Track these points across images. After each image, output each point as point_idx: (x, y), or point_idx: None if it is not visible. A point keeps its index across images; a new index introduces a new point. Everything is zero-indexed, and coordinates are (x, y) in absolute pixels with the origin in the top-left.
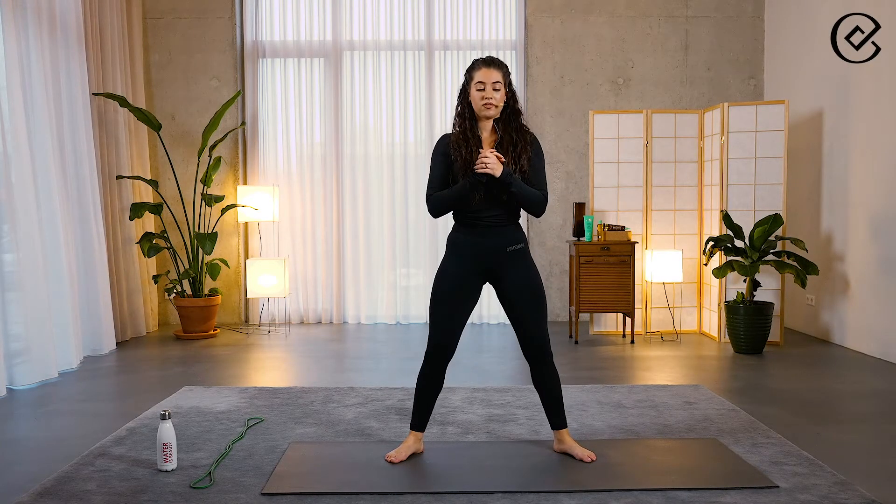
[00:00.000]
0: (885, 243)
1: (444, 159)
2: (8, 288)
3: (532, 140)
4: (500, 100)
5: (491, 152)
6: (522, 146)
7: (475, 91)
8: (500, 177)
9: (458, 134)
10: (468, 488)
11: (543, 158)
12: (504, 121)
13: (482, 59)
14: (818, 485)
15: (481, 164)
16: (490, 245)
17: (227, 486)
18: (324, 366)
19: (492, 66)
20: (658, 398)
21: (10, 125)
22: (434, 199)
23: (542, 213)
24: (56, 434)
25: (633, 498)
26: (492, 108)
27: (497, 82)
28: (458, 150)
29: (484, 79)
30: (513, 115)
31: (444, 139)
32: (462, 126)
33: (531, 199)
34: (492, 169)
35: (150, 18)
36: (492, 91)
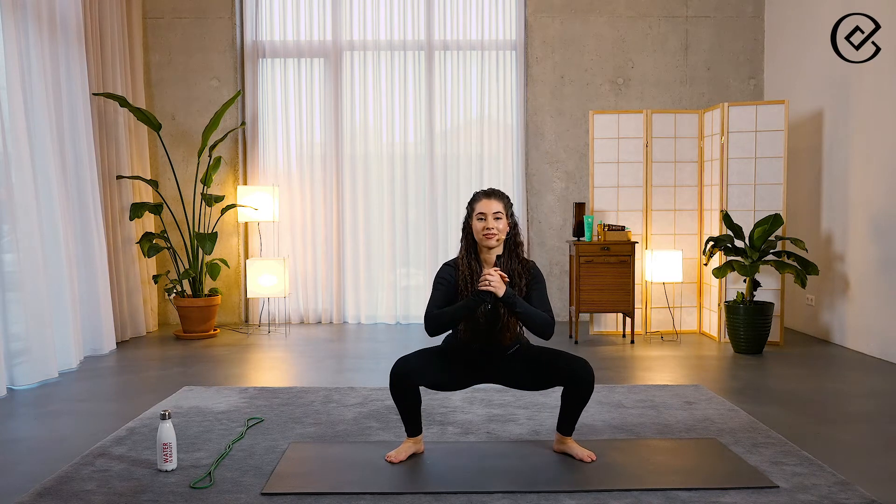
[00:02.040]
0: (885, 243)
1: (447, 286)
2: (8, 288)
3: (534, 272)
4: (501, 230)
5: (495, 270)
6: (526, 279)
7: (476, 221)
8: (502, 296)
9: (465, 268)
10: (468, 488)
11: (545, 284)
12: (507, 254)
13: (483, 191)
14: (818, 485)
15: (485, 280)
16: (487, 352)
17: (227, 486)
18: (324, 366)
19: (492, 196)
20: (658, 398)
21: (10, 125)
22: (434, 315)
23: (551, 335)
24: (56, 434)
25: (633, 498)
26: (493, 237)
27: (498, 212)
28: (463, 283)
29: (485, 210)
30: (514, 247)
31: (446, 267)
32: (467, 258)
33: (536, 319)
34: (495, 287)
35: (150, 18)
36: (493, 221)
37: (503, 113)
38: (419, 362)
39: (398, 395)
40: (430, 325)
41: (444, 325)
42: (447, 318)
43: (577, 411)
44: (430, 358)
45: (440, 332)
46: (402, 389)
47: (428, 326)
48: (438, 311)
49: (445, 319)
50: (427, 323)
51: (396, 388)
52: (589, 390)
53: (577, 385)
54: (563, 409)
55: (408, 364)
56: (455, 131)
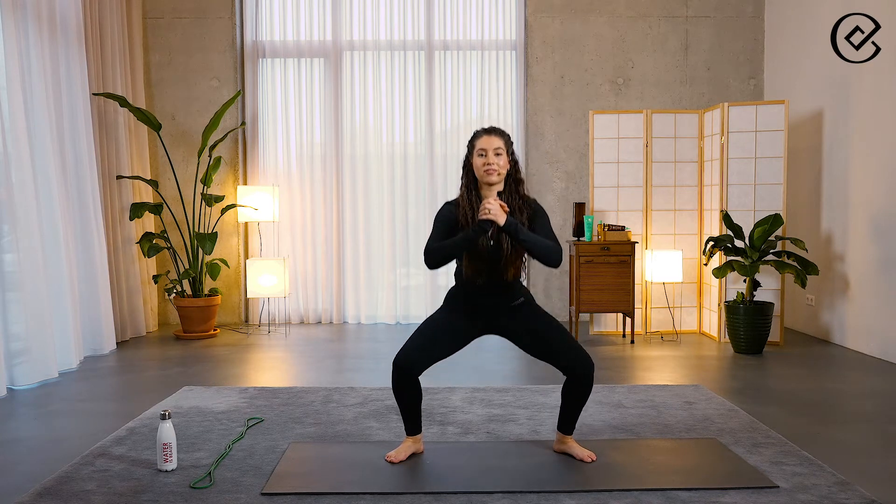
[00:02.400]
0: (885, 243)
1: (447, 224)
2: (8, 288)
3: (535, 207)
4: (502, 166)
5: (495, 199)
6: (528, 214)
7: (477, 158)
8: (503, 225)
9: (465, 204)
10: (468, 488)
11: (548, 218)
12: (507, 191)
13: (483, 128)
14: (818, 485)
15: (484, 210)
16: (490, 304)
17: (226, 486)
18: (324, 366)
19: (493, 133)
20: (658, 398)
21: (10, 125)
22: (434, 248)
23: (560, 262)
24: (56, 434)
25: (633, 498)
26: (493, 174)
27: (498, 148)
28: (464, 217)
29: (485, 146)
30: (515, 184)
31: (446, 206)
32: (468, 197)
33: (541, 245)
34: (495, 215)
35: (150, 18)
36: (493, 157)
37: (503, 113)
38: (419, 348)
39: (400, 388)
40: (431, 258)
41: (444, 258)
42: (447, 250)
43: (578, 409)
44: (428, 336)
45: (440, 264)
46: (405, 382)
47: (428, 259)
48: (438, 244)
49: (446, 251)
50: (427, 256)
51: (399, 383)
52: (589, 386)
53: (578, 382)
54: (563, 407)
55: (409, 353)
56: (455, 131)
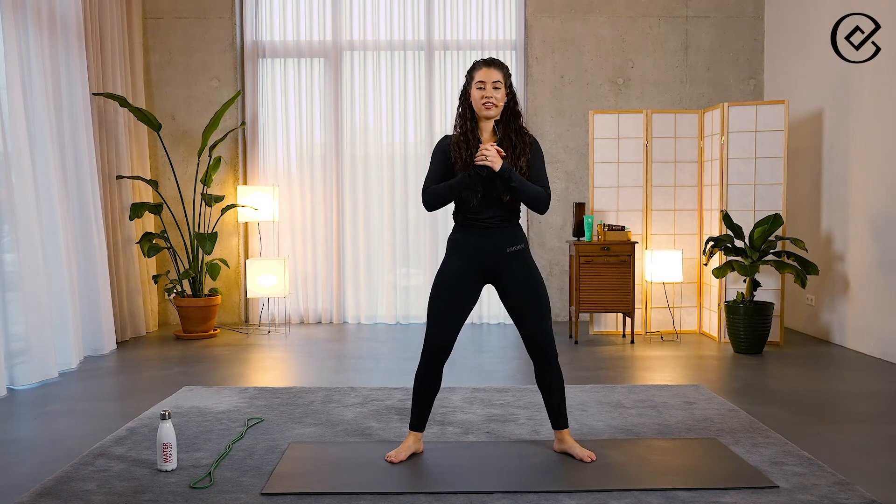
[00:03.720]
0: (885, 243)
1: (444, 158)
2: (8, 288)
3: (531, 141)
4: (500, 99)
5: (491, 145)
6: (522, 148)
7: (475, 90)
8: (499, 170)
9: (459, 135)
10: (468, 488)
11: (543, 158)
12: (504, 122)
13: (483, 59)
14: (818, 485)
15: (481, 156)
16: (490, 245)
17: (226, 486)
18: (324, 366)
19: (492, 66)
20: (658, 398)
21: (10, 125)
22: (431, 191)
23: (546, 209)
24: (56, 434)
25: (633, 498)
26: (492, 107)
27: (497, 81)
28: (458, 150)
29: (484, 78)
30: (512, 117)
31: (444, 139)
32: (463, 127)
33: (533, 194)
34: (491, 161)
35: (150, 18)
36: (492, 90)
37: None
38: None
39: (426, 378)
40: (429, 200)
41: (442, 200)
42: (444, 194)
43: (558, 399)
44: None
45: (438, 206)
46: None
47: (426, 201)
48: (435, 186)
49: (442, 195)
50: (425, 197)
51: (427, 371)
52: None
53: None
54: (545, 401)
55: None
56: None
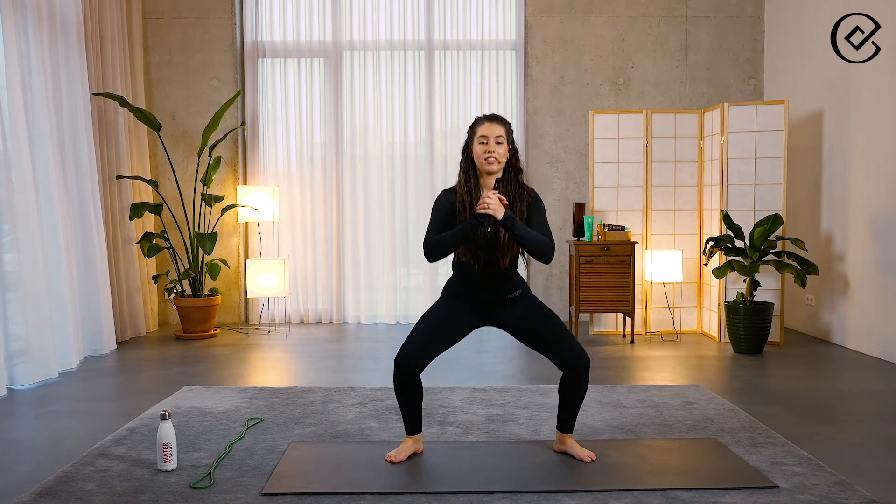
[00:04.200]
0: (885, 243)
1: (445, 211)
2: (8, 288)
3: (533, 196)
4: (502, 155)
5: (493, 193)
6: (521, 205)
7: (478, 145)
8: (501, 219)
9: (463, 191)
10: (468, 488)
11: (545, 211)
12: (506, 179)
13: (485, 115)
14: (818, 485)
15: (483, 204)
16: (488, 296)
17: (226, 486)
18: (324, 366)
19: (494, 121)
20: (658, 398)
21: (10, 125)
22: (432, 242)
23: (551, 258)
24: (56, 434)
25: (633, 498)
26: (494, 162)
27: (500, 136)
28: (462, 204)
29: (487, 133)
30: (514, 173)
31: (444, 193)
32: (467, 183)
33: (537, 242)
34: (493, 210)
35: (150, 18)
36: (494, 145)
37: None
38: (419, 345)
39: (402, 387)
40: (430, 251)
41: (443, 251)
42: (446, 243)
43: (575, 407)
44: (428, 332)
45: (439, 257)
46: (407, 380)
47: (427, 252)
48: (437, 236)
49: (445, 244)
50: (426, 248)
51: (401, 379)
52: (585, 382)
53: (572, 375)
54: (561, 405)
55: (409, 351)
56: (455, 131)
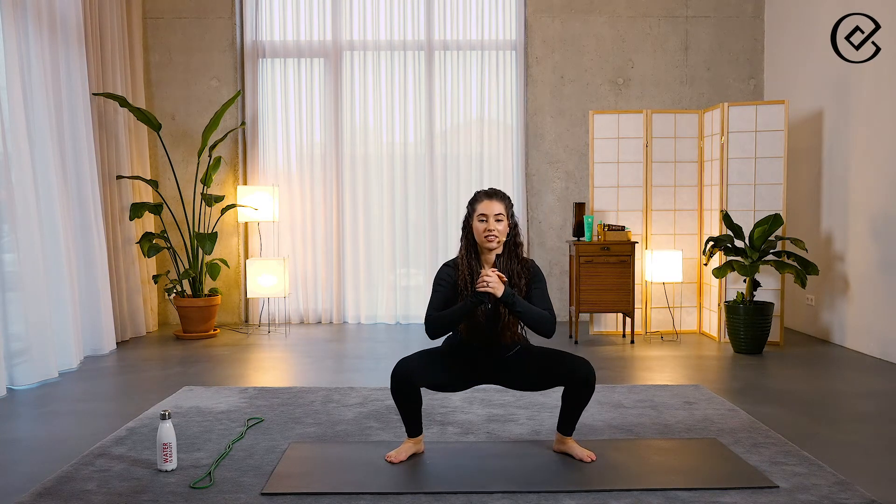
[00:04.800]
0: (885, 243)
1: (446, 286)
2: (8, 288)
3: (534, 271)
4: (502, 232)
5: (493, 271)
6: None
7: (478, 222)
8: (501, 296)
9: (465, 268)
10: (468, 488)
11: (545, 284)
12: (506, 254)
13: (484, 191)
14: (818, 485)
15: (482, 282)
16: (487, 356)
17: (226, 486)
18: (324, 366)
19: (494, 198)
20: (658, 398)
21: (10, 125)
22: (434, 318)
23: (552, 333)
24: (56, 434)
25: (633, 498)
26: (494, 240)
27: (499, 214)
28: (463, 280)
29: (486, 211)
30: (513, 247)
31: (445, 268)
32: (468, 259)
33: (537, 318)
34: (493, 288)
35: (150, 18)
36: (494, 223)
37: (503, 113)
38: (420, 363)
39: (399, 396)
40: (431, 329)
41: (444, 328)
42: (447, 321)
43: (578, 412)
44: (431, 359)
45: (441, 334)
46: (404, 391)
47: (428, 330)
48: (438, 314)
49: (446, 322)
50: (427, 326)
51: (397, 390)
52: (590, 392)
53: (578, 387)
54: (563, 410)
55: (408, 366)
56: (455, 131)
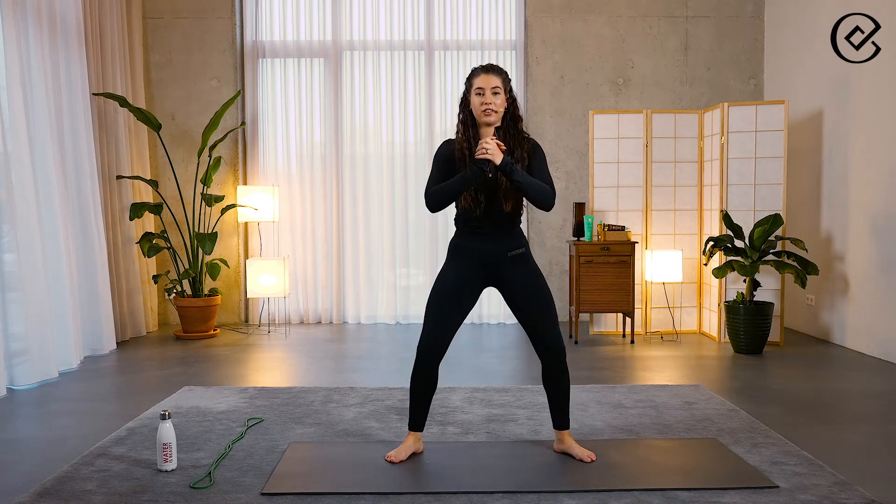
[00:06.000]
0: (885, 243)
1: (445, 162)
2: (8, 288)
3: (532, 145)
4: (499, 105)
5: (492, 139)
6: (521, 152)
7: (475, 97)
8: (500, 164)
9: (461, 141)
10: (468, 488)
11: (545, 158)
12: (504, 128)
13: (482, 66)
14: (818, 485)
15: (482, 149)
16: (490, 250)
17: (226, 487)
18: (323, 366)
19: (490, 72)
20: (658, 398)
21: (10, 125)
22: (433, 192)
23: (552, 205)
24: (56, 434)
25: (633, 498)
26: (491, 113)
27: (496, 87)
28: (461, 154)
29: (483, 84)
30: (512, 122)
31: (445, 144)
32: (465, 133)
33: (537, 188)
34: (492, 155)
35: (150, 18)
36: (491, 96)
37: None
38: (433, 327)
39: (420, 379)
40: (431, 201)
41: (444, 200)
42: (447, 193)
43: (563, 399)
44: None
45: (441, 206)
46: (427, 372)
47: (429, 202)
48: (437, 186)
49: (445, 194)
50: (428, 199)
51: (421, 372)
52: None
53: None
54: (549, 402)
55: (428, 339)
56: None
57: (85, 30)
